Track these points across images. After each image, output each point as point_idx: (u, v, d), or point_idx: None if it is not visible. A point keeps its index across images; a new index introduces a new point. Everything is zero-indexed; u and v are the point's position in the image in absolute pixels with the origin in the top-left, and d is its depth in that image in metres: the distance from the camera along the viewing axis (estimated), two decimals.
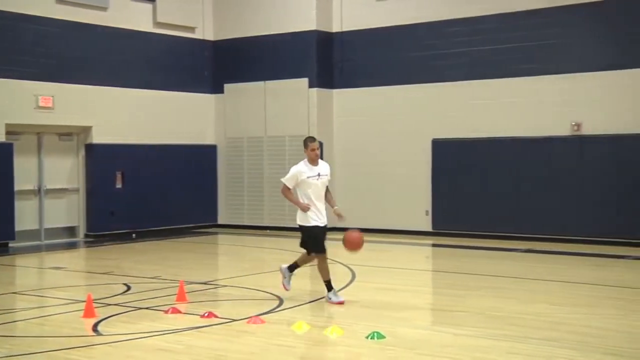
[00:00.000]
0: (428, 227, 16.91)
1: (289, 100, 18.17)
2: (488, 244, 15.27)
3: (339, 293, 9.39)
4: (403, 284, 10.97)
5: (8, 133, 15.36)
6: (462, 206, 16.52)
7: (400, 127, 17.40)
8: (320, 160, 9.19)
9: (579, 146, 15.24)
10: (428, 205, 16.96)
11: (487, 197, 16.20)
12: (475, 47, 16.43)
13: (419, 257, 14.73)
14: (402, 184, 17.34)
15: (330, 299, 9.06)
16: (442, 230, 16.70)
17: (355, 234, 9.17)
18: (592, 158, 15.10)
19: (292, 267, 9.36)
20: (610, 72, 14.96)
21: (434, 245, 15.88)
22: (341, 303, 8.93)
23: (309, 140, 9.15)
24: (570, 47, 15.45)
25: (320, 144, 9.50)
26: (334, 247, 9.89)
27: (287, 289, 9.34)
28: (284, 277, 9.34)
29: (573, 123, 15.30)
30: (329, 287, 9.13)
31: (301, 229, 9.08)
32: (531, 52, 15.80)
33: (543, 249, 14.41)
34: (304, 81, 17.96)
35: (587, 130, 15.20)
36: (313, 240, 8.98)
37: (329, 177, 9.24)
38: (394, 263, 13.14)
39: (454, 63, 16.67)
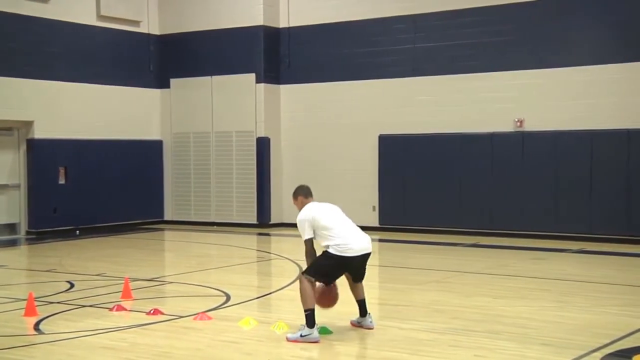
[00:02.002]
0: (375, 223, 17.03)
1: (236, 96, 18.09)
2: (434, 238, 15.46)
3: (286, 289, 9.37)
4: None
5: None
6: (408, 201, 16.69)
7: (347, 122, 17.48)
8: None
9: (521, 142, 15.53)
10: (375, 201, 17.08)
11: (433, 193, 16.39)
12: (420, 43, 16.60)
13: None
14: (350, 179, 17.42)
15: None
16: (389, 225, 16.84)
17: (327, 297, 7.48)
18: (534, 154, 15.41)
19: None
20: (553, 70, 15.29)
21: (380, 240, 15.99)
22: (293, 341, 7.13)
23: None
24: (512, 44, 15.72)
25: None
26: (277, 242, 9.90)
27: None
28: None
29: (516, 119, 15.59)
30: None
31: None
32: (475, 49, 16.03)
33: (487, 244, 14.66)
34: (251, 76, 17.89)
35: (530, 126, 15.50)
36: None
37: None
38: None
39: (399, 59, 16.82)
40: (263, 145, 17.88)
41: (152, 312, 8.20)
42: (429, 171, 16.45)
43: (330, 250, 7.19)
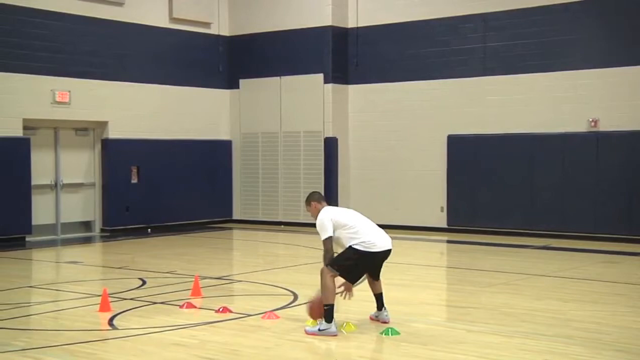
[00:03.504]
0: (443, 224, 16.88)
1: (304, 96, 18.19)
2: (503, 240, 15.21)
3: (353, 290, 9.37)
4: (417, 279, 10.97)
5: (25, 128, 15.48)
6: (477, 203, 16.48)
7: (415, 122, 17.37)
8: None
9: (595, 143, 15.15)
10: (443, 202, 16.93)
11: (502, 194, 16.15)
12: (490, 43, 16.37)
13: (433, 253, 14.72)
14: (417, 180, 17.32)
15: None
16: (457, 226, 16.66)
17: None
18: (608, 155, 15.01)
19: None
20: (628, 68, 14.86)
21: (448, 241, 15.86)
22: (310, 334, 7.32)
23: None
24: (585, 43, 15.36)
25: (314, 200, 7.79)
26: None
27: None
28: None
29: (590, 119, 15.22)
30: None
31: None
32: (546, 48, 15.72)
33: (558, 246, 14.36)
34: (319, 76, 17.96)
35: (604, 126, 15.11)
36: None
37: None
38: (408, 259, 13.12)
39: (468, 58, 16.63)
40: (331, 146, 17.92)
41: (221, 310, 8.32)
42: (498, 172, 16.20)
43: (357, 247, 7.32)
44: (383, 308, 7.80)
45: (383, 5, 17.77)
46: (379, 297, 7.80)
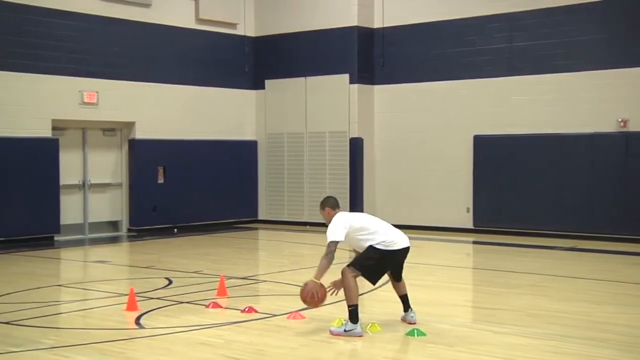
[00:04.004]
0: (469, 224, 16.80)
1: (330, 96, 18.19)
2: (530, 241, 15.10)
3: (378, 290, 9.35)
4: (443, 280, 10.92)
5: (54, 128, 15.66)
6: (504, 203, 16.36)
7: (441, 123, 17.30)
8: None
9: (624, 143, 14.98)
10: (469, 202, 16.84)
11: (529, 194, 16.03)
12: (516, 42, 16.26)
13: (459, 254, 14.64)
14: (443, 180, 17.24)
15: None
16: (484, 227, 16.57)
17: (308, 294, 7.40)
18: (638, 155, 14.83)
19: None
20: None
21: (474, 242, 15.77)
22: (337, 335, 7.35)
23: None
24: (613, 42, 15.19)
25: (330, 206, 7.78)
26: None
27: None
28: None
29: (619, 119, 15.04)
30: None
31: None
32: (573, 47, 15.57)
33: (586, 247, 14.21)
34: (345, 77, 17.95)
35: (634, 126, 14.93)
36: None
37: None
38: (434, 260, 13.08)
39: (495, 58, 16.52)
40: (356, 146, 17.91)
41: (246, 310, 8.34)
42: (525, 172, 16.08)
43: (378, 246, 7.35)
44: (409, 309, 7.81)
45: (409, 6, 17.71)
46: (404, 299, 7.83)
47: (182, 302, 8.97)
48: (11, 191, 14.87)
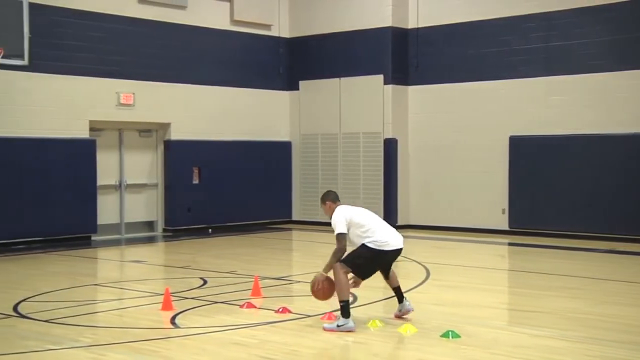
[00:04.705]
0: (504, 226, 16.65)
1: (364, 97, 18.15)
2: (566, 243, 14.92)
3: (413, 292, 9.34)
4: (478, 282, 10.83)
5: (91, 129, 15.86)
6: (540, 204, 16.19)
7: (476, 123, 17.17)
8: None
9: None
10: (505, 204, 16.68)
11: (565, 195, 15.84)
12: (552, 42, 16.08)
13: (494, 255, 14.52)
14: (478, 181, 17.11)
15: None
16: (519, 228, 16.40)
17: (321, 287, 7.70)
18: None
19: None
20: None
21: (510, 244, 15.63)
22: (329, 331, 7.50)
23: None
24: None
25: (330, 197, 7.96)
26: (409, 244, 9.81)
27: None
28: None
29: None
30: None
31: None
32: (609, 47, 15.35)
33: (625, 250, 13.99)
34: (379, 77, 17.91)
35: None
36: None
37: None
38: (469, 261, 12.99)
39: (531, 58, 16.35)
40: (390, 147, 17.85)
41: (280, 310, 8.36)
42: (561, 173, 15.89)
43: (369, 245, 7.54)
44: (404, 299, 7.98)
45: (443, 6, 17.61)
46: (397, 290, 7.98)
47: (216, 302, 9.02)
48: (50, 191, 15.09)
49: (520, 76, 16.51)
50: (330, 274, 7.63)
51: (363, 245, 7.58)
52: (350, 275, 7.67)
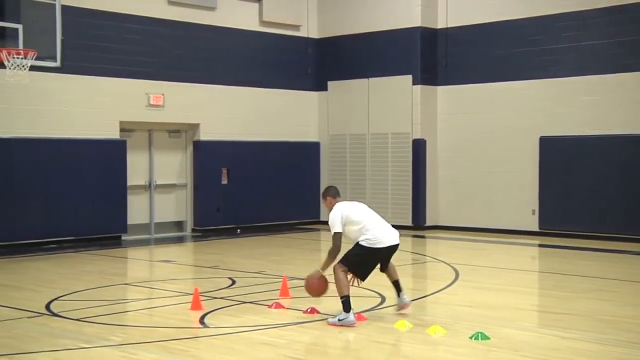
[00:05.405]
0: (535, 227, 16.49)
1: (393, 97, 18.10)
2: (598, 245, 14.73)
3: (442, 293, 9.29)
4: (508, 284, 10.73)
5: (122, 130, 16.00)
6: (571, 205, 16.01)
7: (505, 124, 17.03)
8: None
9: None
10: (535, 204, 16.53)
11: (597, 196, 15.64)
12: (583, 41, 15.89)
13: (524, 257, 14.38)
14: (508, 182, 16.97)
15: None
16: (550, 230, 16.24)
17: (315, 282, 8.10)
18: None
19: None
20: None
21: (540, 245, 15.48)
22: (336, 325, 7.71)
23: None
24: None
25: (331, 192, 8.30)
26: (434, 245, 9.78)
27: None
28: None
29: None
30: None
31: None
32: None
33: None
34: (408, 78, 17.84)
35: None
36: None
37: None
38: (499, 263, 12.88)
39: (562, 58, 16.19)
40: (419, 147, 17.78)
41: (308, 310, 8.36)
42: (592, 174, 15.70)
43: (363, 243, 7.83)
44: (401, 292, 8.20)
45: (473, 5, 17.50)
46: (396, 284, 8.21)
47: (245, 302, 9.04)
48: (81, 191, 15.25)
49: (550, 76, 16.34)
50: (326, 275, 8.02)
51: (357, 244, 7.88)
52: (350, 275, 7.92)
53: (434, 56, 17.98)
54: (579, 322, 8.08)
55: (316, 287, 8.10)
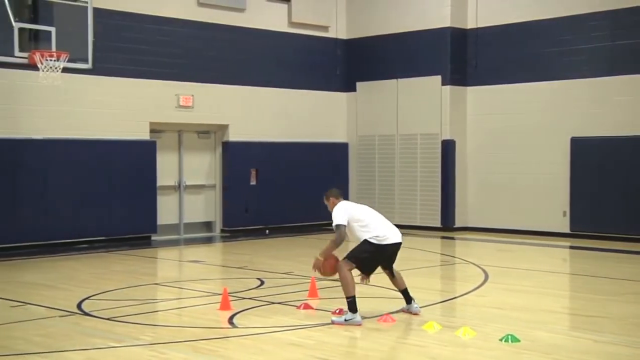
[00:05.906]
0: (566, 229, 16.31)
1: (422, 98, 18.02)
2: (631, 247, 14.53)
3: (471, 294, 9.23)
4: (538, 286, 10.63)
5: (152, 131, 16.13)
6: (602, 207, 15.81)
7: (536, 125, 16.87)
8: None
9: None
10: (566, 206, 16.35)
11: (628, 198, 15.43)
12: (615, 41, 15.69)
13: (555, 259, 14.24)
14: (539, 183, 16.81)
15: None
16: (581, 231, 16.05)
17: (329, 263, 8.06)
18: None
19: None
20: None
21: (571, 247, 15.31)
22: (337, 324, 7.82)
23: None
24: None
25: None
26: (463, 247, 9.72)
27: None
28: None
29: None
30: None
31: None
32: None
33: None
34: (437, 78, 17.75)
35: None
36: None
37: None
38: (529, 265, 12.76)
39: (593, 58, 16.00)
40: (448, 148, 17.69)
41: (337, 311, 8.34)
42: (625, 175, 15.50)
43: (371, 240, 7.92)
44: (412, 301, 8.23)
45: (503, 6, 17.36)
46: (404, 293, 8.25)
47: (273, 303, 9.06)
48: (112, 192, 15.40)
49: (581, 76, 16.16)
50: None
51: (365, 240, 7.93)
52: (357, 273, 7.98)
53: (463, 56, 17.88)
54: (612, 325, 7.98)
55: (330, 266, 7.99)
